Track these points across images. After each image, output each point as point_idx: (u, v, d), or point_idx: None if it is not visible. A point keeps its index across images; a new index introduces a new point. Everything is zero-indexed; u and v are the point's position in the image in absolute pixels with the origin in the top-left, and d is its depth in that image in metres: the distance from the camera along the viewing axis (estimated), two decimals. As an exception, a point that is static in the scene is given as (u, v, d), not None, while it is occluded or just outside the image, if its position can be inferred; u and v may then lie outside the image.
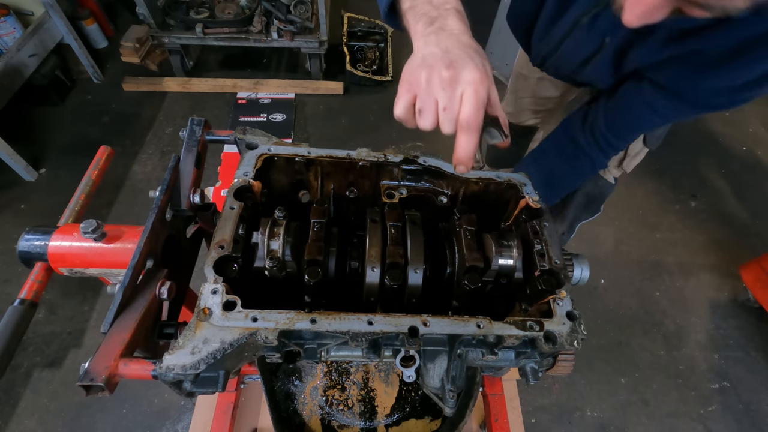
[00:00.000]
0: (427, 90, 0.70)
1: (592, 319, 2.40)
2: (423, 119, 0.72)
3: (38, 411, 1.87)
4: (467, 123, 0.68)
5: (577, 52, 1.11)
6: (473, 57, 0.70)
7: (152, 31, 3.00)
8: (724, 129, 3.56)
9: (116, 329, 0.67)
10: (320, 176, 0.98)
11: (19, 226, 2.36)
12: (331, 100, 3.37)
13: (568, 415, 2.08)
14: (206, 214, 0.93)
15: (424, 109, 0.71)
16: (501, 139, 0.80)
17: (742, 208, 3.04)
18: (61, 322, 2.11)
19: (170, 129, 3.02)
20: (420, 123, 0.73)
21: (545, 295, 0.77)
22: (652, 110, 1.05)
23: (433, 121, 0.71)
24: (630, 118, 1.12)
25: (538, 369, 0.82)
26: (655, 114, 1.06)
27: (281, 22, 3.04)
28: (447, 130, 0.71)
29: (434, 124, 0.72)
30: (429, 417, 1.22)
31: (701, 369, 2.29)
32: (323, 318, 0.69)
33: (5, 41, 2.59)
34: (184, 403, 1.92)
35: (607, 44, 1.02)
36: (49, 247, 0.82)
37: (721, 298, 2.57)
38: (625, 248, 2.73)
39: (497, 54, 3.64)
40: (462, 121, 0.69)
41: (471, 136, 0.69)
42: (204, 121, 0.97)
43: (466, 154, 0.71)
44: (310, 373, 1.25)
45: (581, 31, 1.05)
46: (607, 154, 1.21)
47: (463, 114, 0.68)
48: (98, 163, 1.02)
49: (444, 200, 0.98)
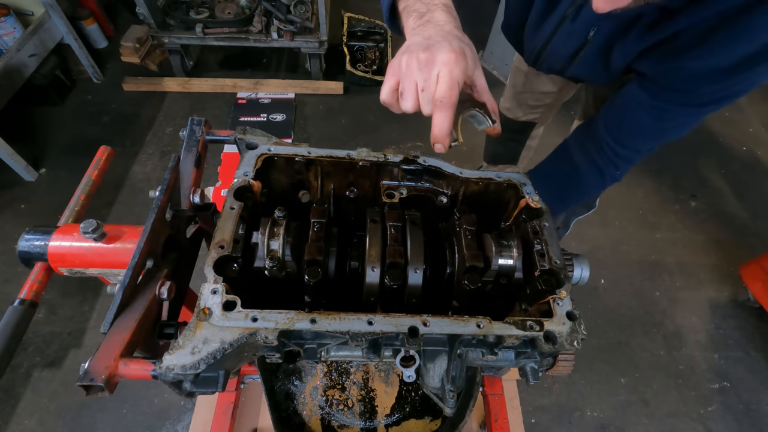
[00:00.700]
0: (407, 73, 0.73)
1: (592, 319, 2.40)
2: (404, 101, 0.75)
3: (38, 411, 1.87)
4: (441, 101, 0.71)
5: (565, 46, 1.12)
6: (451, 41, 0.73)
7: (152, 31, 3.00)
8: (724, 129, 3.55)
9: (116, 329, 0.67)
10: (320, 176, 0.98)
11: (19, 226, 2.36)
12: (331, 100, 3.37)
13: (568, 415, 2.08)
14: (206, 214, 0.93)
15: (404, 91, 0.74)
16: (488, 124, 0.82)
17: (742, 208, 3.04)
18: (61, 322, 2.11)
19: (170, 129, 3.02)
20: (402, 105, 0.76)
21: (545, 295, 0.77)
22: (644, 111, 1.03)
23: (413, 102, 0.74)
24: (624, 118, 1.11)
25: (538, 369, 0.82)
26: (646, 114, 1.03)
27: (281, 22, 3.04)
28: (426, 110, 0.73)
29: (415, 106, 0.74)
30: (429, 417, 1.22)
31: (701, 369, 2.29)
32: (323, 318, 0.69)
33: (5, 41, 2.59)
34: (184, 403, 1.92)
35: (592, 37, 1.03)
36: (49, 247, 0.82)
37: (721, 298, 2.57)
38: (625, 248, 2.73)
39: (497, 54, 3.64)
40: (436, 99, 0.71)
41: (445, 114, 0.71)
42: (204, 121, 0.97)
43: (440, 131, 0.73)
44: (310, 373, 1.25)
45: (567, 25, 1.06)
46: (618, 166, 1.17)
47: (437, 93, 0.71)
48: (98, 163, 1.02)
49: (444, 200, 0.98)
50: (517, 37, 1.34)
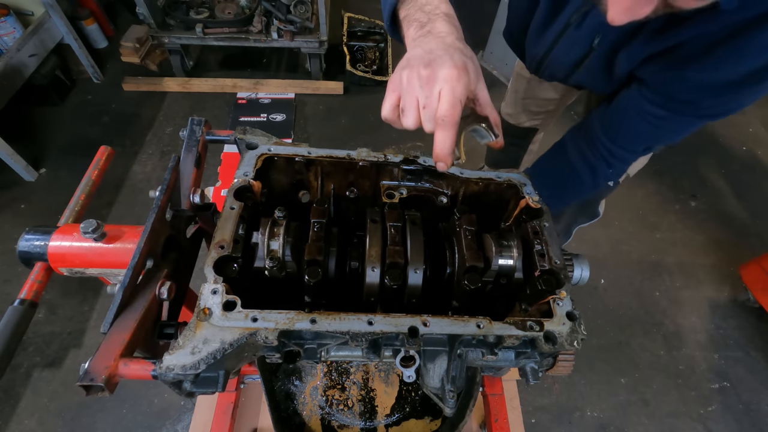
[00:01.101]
0: (408, 89, 0.72)
1: (592, 319, 2.40)
2: (406, 118, 0.73)
3: (38, 411, 1.87)
4: (443, 119, 0.69)
5: (568, 54, 1.10)
6: (453, 55, 0.71)
7: (152, 31, 3.00)
8: (724, 129, 3.55)
9: (116, 329, 0.67)
10: (320, 176, 0.98)
11: (19, 226, 2.36)
12: (331, 100, 3.37)
13: (568, 415, 2.08)
14: (206, 214, 0.93)
15: (406, 108, 0.73)
16: (491, 138, 0.81)
17: (742, 208, 3.04)
18: (61, 322, 2.11)
19: (170, 129, 3.02)
20: (404, 122, 0.74)
21: (545, 295, 0.77)
22: (642, 118, 1.02)
23: (415, 119, 0.73)
24: (622, 123, 1.10)
25: (538, 369, 0.82)
26: (644, 120, 1.03)
27: (281, 22, 3.04)
28: (428, 127, 0.72)
29: (417, 123, 0.73)
30: (429, 417, 1.22)
31: (701, 369, 2.29)
32: (323, 318, 0.69)
33: (5, 41, 2.59)
34: (184, 403, 1.92)
35: (597, 46, 1.01)
36: (49, 247, 0.82)
37: (721, 298, 2.57)
38: (625, 248, 2.73)
39: (497, 54, 3.64)
40: (438, 117, 0.70)
41: (447, 132, 0.70)
42: (204, 121, 0.97)
43: (442, 150, 0.72)
44: (310, 373, 1.25)
45: (571, 32, 1.04)
46: (611, 165, 1.17)
47: (439, 111, 0.70)
48: (98, 163, 1.02)
49: (444, 200, 0.98)
50: (518, 43, 1.32)
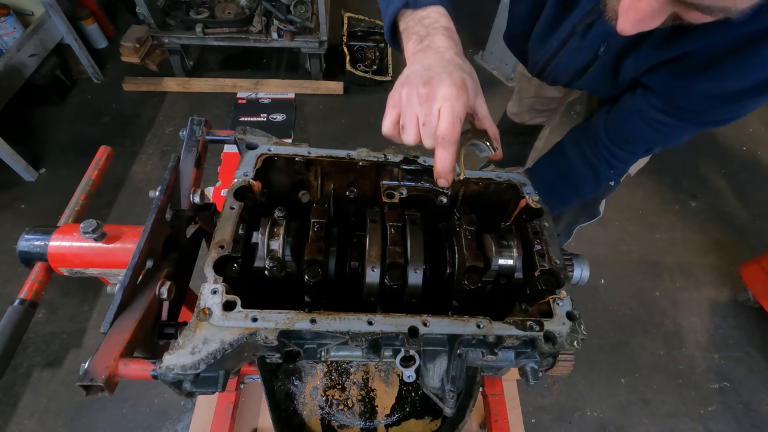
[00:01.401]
0: (408, 106, 0.73)
1: (592, 319, 2.40)
2: (406, 135, 0.75)
3: (38, 411, 1.87)
4: (443, 138, 0.71)
5: (573, 61, 1.10)
6: (452, 72, 0.72)
7: (152, 31, 3.00)
8: (724, 129, 3.55)
9: (116, 329, 0.67)
10: (320, 176, 0.98)
11: (19, 226, 2.36)
12: (331, 100, 3.37)
13: (568, 415, 2.08)
14: (206, 214, 0.93)
15: (405, 125, 0.74)
16: (490, 152, 0.83)
17: (742, 208, 3.04)
18: (61, 322, 2.11)
19: (170, 129, 3.02)
20: (404, 138, 0.76)
21: (545, 295, 0.77)
22: (647, 123, 1.03)
23: (415, 136, 0.74)
24: (627, 127, 1.10)
25: (538, 369, 0.81)
26: (649, 126, 1.03)
27: (281, 22, 3.04)
28: (428, 144, 0.74)
29: (417, 139, 0.74)
30: (429, 417, 1.22)
31: (701, 369, 2.29)
32: (323, 318, 0.69)
33: (5, 41, 2.59)
34: (184, 403, 1.92)
35: (602, 53, 1.01)
36: (49, 247, 0.81)
37: (721, 298, 2.57)
38: (625, 248, 2.73)
39: (497, 54, 3.65)
40: (438, 136, 0.71)
41: (448, 151, 0.72)
42: (204, 121, 0.97)
43: (444, 167, 0.74)
44: (310, 373, 1.25)
45: (576, 40, 1.04)
46: (612, 165, 1.18)
47: (439, 129, 0.71)
48: (98, 163, 1.02)
49: (444, 200, 0.98)
50: (520, 48, 1.32)
